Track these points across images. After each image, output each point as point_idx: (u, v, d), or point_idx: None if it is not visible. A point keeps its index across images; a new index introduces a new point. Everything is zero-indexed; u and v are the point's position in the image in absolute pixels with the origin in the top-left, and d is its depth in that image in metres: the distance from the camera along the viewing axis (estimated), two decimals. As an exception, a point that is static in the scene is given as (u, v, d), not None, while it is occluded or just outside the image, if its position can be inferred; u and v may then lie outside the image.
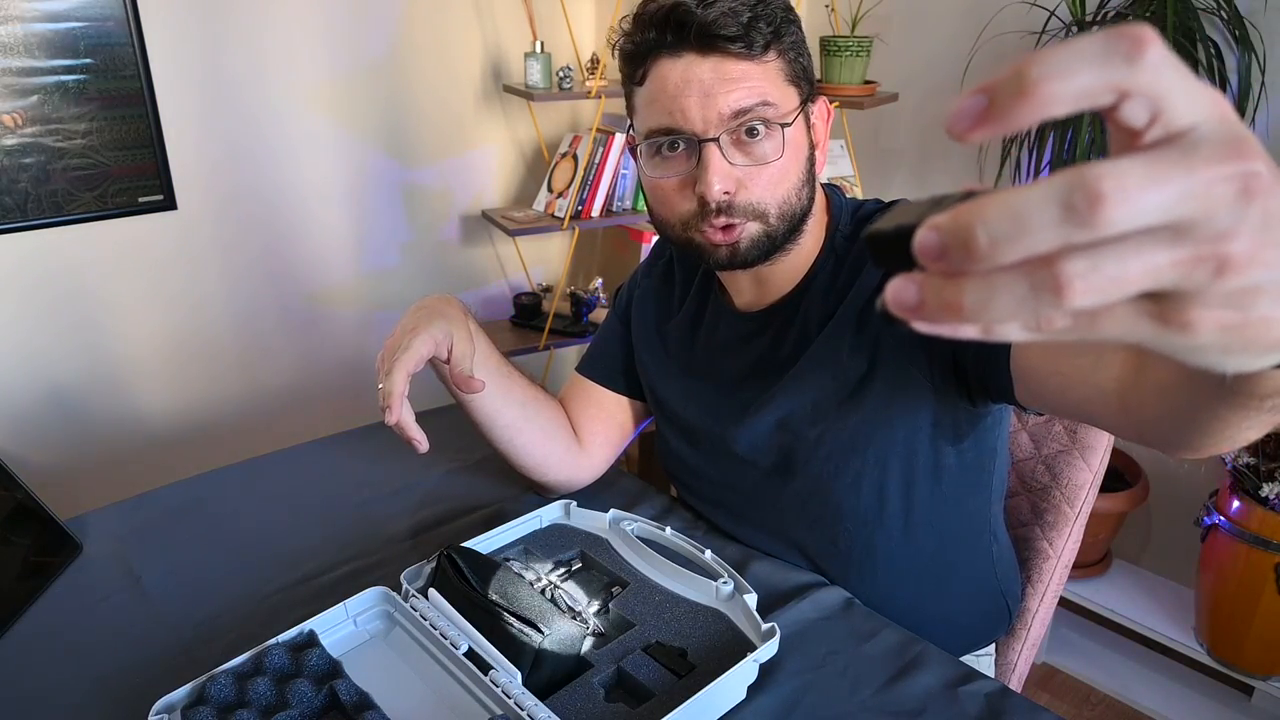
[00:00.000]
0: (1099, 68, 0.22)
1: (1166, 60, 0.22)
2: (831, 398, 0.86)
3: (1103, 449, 1.05)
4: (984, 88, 0.23)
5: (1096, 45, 0.22)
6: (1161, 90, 0.22)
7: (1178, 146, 0.22)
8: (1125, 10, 1.52)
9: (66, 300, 1.93)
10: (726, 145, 0.78)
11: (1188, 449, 0.50)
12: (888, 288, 0.25)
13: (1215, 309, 0.23)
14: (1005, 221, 0.22)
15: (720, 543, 0.97)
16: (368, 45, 2.17)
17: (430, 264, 2.45)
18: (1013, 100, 0.22)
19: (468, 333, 0.85)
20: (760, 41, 0.77)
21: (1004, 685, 0.76)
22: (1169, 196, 0.21)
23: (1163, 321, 0.24)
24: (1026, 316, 0.23)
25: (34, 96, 1.77)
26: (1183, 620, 1.73)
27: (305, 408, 2.31)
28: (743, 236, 0.81)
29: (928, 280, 0.24)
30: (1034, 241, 0.22)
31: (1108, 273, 0.22)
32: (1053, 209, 0.21)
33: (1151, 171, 0.21)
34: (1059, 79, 0.22)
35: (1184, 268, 0.22)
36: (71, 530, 0.97)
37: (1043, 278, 0.22)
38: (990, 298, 0.23)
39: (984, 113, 0.23)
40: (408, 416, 0.79)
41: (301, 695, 0.70)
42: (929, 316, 0.24)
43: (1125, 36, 0.22)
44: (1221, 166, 0.22)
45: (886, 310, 0.25)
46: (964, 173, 1.94)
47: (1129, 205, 0.21)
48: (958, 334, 0.24)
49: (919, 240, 0.23)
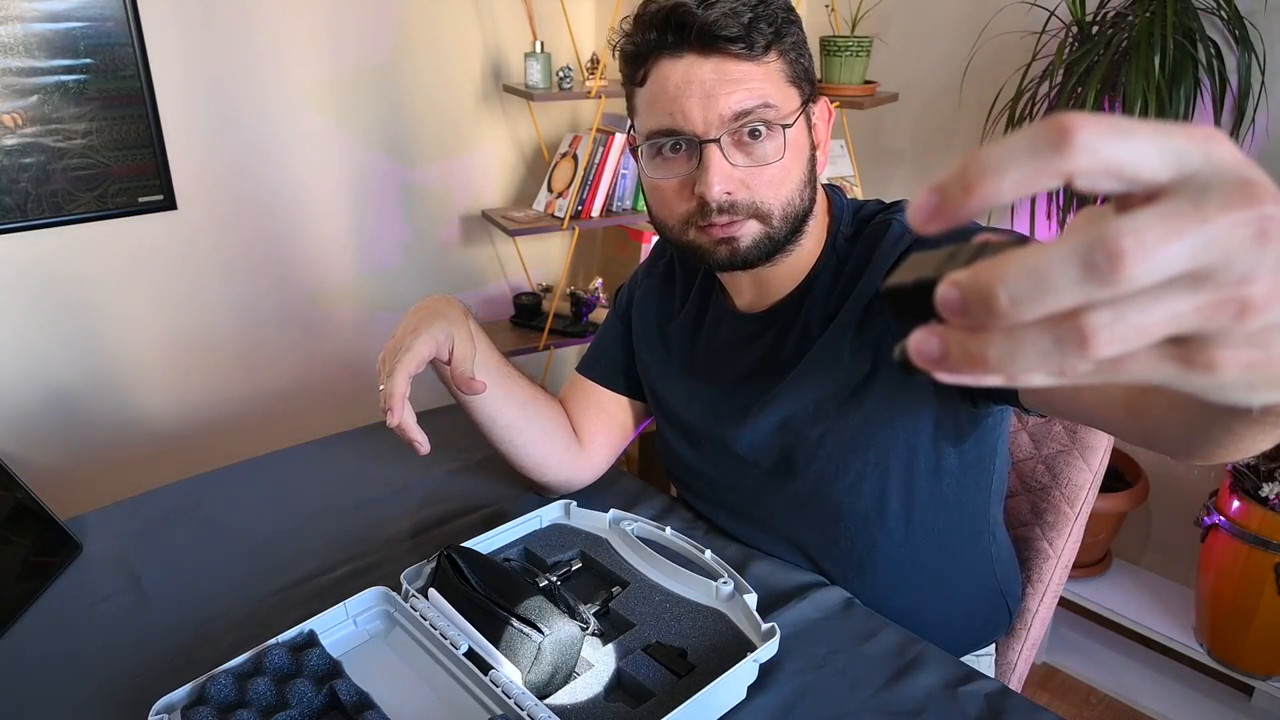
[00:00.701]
0: (1029, 160, 0.23)
1: (1101, 136, 0.22)
2: (833, 398, 0.86)
3: (1103, 449, 1.05)
4: (935, 187, 0.24)
5: (1024, 140, 0.23)
6: (1108, 162, 0.23)
7: (1187, 197, 0.22)
8: (1125, 10, 1.52)
9: (66, 300, 1.93)
10: (728, 146, 0.78)
11: (1197, 457, 0.50)
12: (910, 340, 0.25)
13: (1239, 349, 0.23)
14: (1026, 282, 0.22)
15: (720, 543, 0.97)
16: (368, 45, 2.17)
17: (430, 264, 2.45)
18: (959, 196, 0.24)
19: (469, 333, 0.85)
20: (761, 42, 0.77)
21: (1004, 685, 0.76)
22: (1188, 248, 0.22)
23: (1187, 363, 0.24)
24: (1051, 366, 0.23)
25: (34, 96, 1.77)
26: (1183, 620, 1.73)
27: (306, 408, 2.31)
28: (743, 235, 0.81)
29: (950, 333, 0.24)
30: (1056, 300, 0.22)
31: (1131, 323, 0.22)
32: (1074, 268, 0.22)
33: (1168, 225, 0.22)
34: (993, 176, 0.23)
35: (1206, 312, 0.23)
36: (71, 530, 0.97)
37: (1067, 331, 0.23)
38: (1015, 351, 0.23)
39: (937, 208, 0.24)
40: (409, 418, 0.79)
41: (301, 695, 0.70)
42: (953, 368, 0.25)
43: (1049, 127, 0.23)
44: (1236, 213, 0.22)
45: (906, 359, 0.25)
46: (964, 173, 1.94)
47: (1150, 261, 0.21)
48: (981, 382, 0.25)
49: (941, 297, 0.24)
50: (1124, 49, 1.49)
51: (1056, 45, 1.59)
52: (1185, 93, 1.46)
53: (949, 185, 0.24)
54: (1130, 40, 1.47)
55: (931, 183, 0.24)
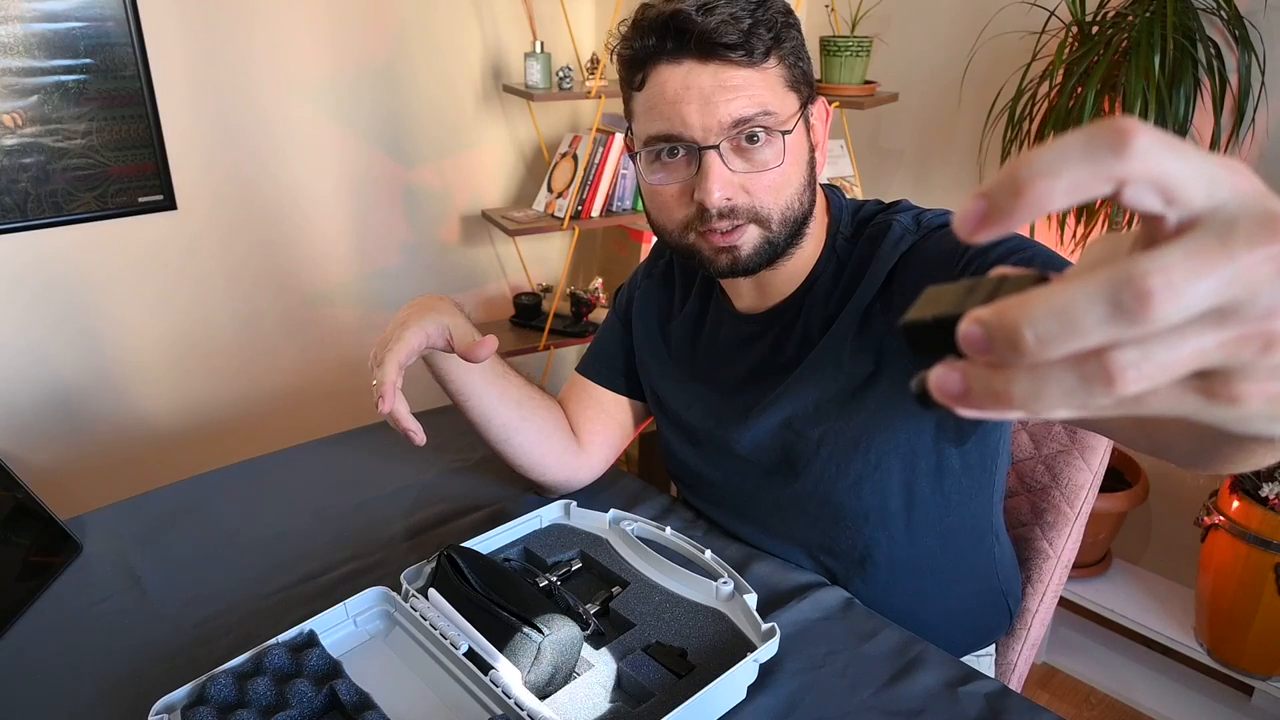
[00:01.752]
0: (1085, 162, 0.22)
1: (1158, 145, 0.22)
2: (834, 399, 0.86)
3: (1103, 449, 1.05)
4: (983, 193, 0.23)
5: (1080, 140, 0.22)
6: (1160, 174, 0.22)
7: (1212, 231, 0.22)
8: (1125, 10, 1.52)
9: (67, 300, 1.93)
10: (727, 152, 0.78)
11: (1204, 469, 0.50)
12: (931, 375, 0.25)
13: (1263, 382, 0.23)
14: (1053, 321, 0.22)
15: (720, 543, 0.97)
16: (368, 45, 2.17)
17: (430, 264, 2.46)
18: (1009, 202, 0.23)
19: (464, 320, 0.85)
20: (761, 48, 0.77)
21: (1004, 685, 0.76)
22: (1214, 285, 0.22)
23: (1210, 396, 0.24)
24: (1075, 403, 0.23)
25: (34, 96, 1.77)
26: (1183, 620, 1.73)
27: (305, 408, 2.31)
28: (744, 242, 0.81)
29: (972, 370, 0.24)
30: (1083, 340, 0.22)
31: (1158, 360, 0.22)
32: (1101, 307, 0.22)
33: (1194, 263, 0.21)
34: (1047, 178, 0.22)
35: (1231, 347, 0.22)
36: (71, 530, 0.97)
37: (1092, 369, 0.22)
38: (1039, 388, 0.23)
39: (985, 215, 0.24)
40: (401, 407, 0.79)
41: (301, 695, 0.70)
42: (975, 404, 0.24)
43: (1108, 129, 0.22)
44: (1263, 249, 0.22)
45: (925, 393, 0.25)
46: (964, 173, 1.94)
47: (1178, 300, 0.21)
48: (1004, 418, 0.24)
49: (964, 334, 0.23)
50: (1124, 49, 1.49)
51: (1056, 45, 1.59)
52: (1185, 93, 1.46)
53: (997, 190, 0.23)
54: (1130, 40, 1.47)
55: (979, 188, 0.24)
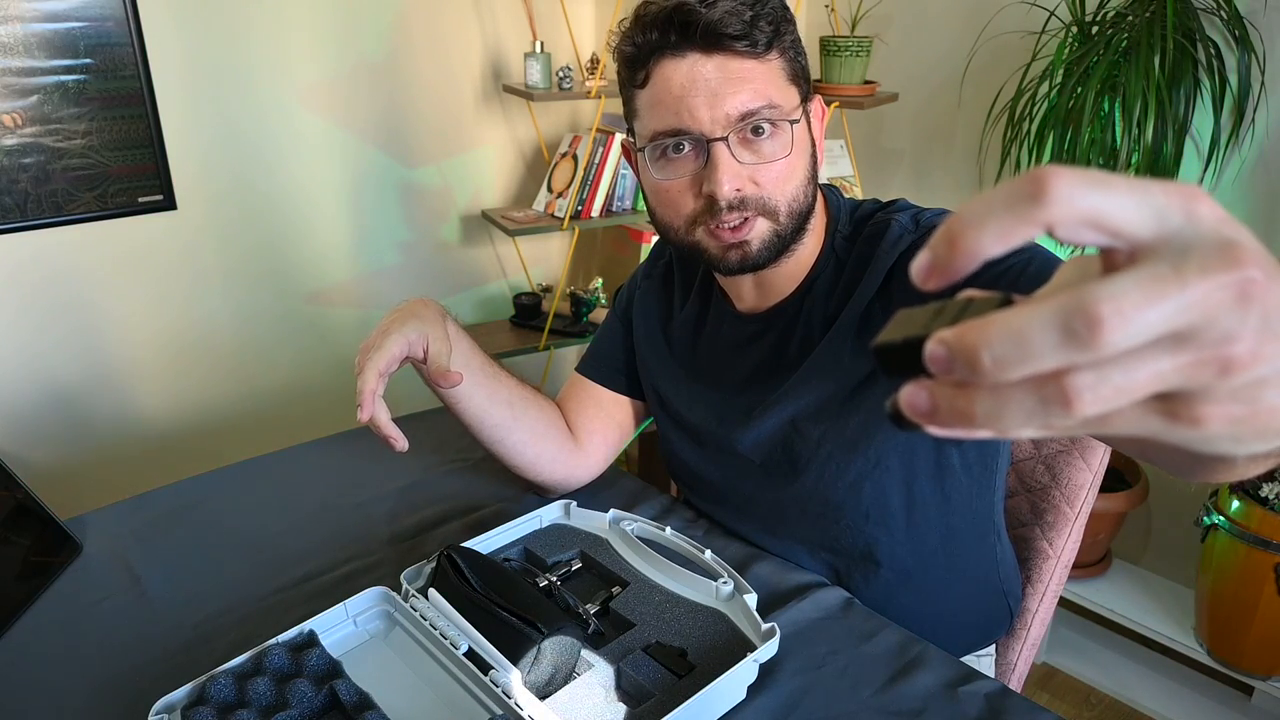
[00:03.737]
0: (1006, 213, 0.23)
1: (1079, 187, 0.23)
2: (834, 399, 0.86)
3: (1103, 449, 1.05)
4: (929, 246, 0.25)
5: (1002, 192, 0.24)
6: (1088, 212, 0.23)
7: (1166, 260, 0.23)
8: (1125, 10, 1.52)
9: (66, 300, 1.93)
10: (734, 144, 0.78)
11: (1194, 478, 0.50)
12: (901, 394, 0.26)
13: (1223, 404, 0.24)
14: (1008, 345, 0.23)
15: (721, 543, 0.97)
16: (368, 45, 2.17)
17: (430, 264, 2.46)
18: (948, 255, 0.25)
19: (443, 332, 0.85)
20: (763, 40, 0.77)
21: (1004, 685, 0.76)
22: (1167, 313, 0.22)
23: (1172, 418, 0.24)
24: (1037, 423, 0.24)
25: (34, 96, 1.77)
26: (1183, 620, 1.73)
27: (304, 408, 2.31)
28: (753, 236, 0.81)
29: (939, 389, 0.25)
30: (1038, 363, 0.23)
31: (1114, 383, 0.23)
32: (1053, 333, 0.22)
33: (1146, 290, 0.22)
34: (974, 230, 0.24)
35: (1189, 371, 0.23)
36: (71, 530, 0.97)
37: (1050, 391, 0.23)
38: (1000, 408, 0.24)
39: (931, 266, 0.25)
40: (381, 414, 0.79)
41: (301, 695, 0.70)
42: (942, 422, 0.25)
43: (1026, 179, 0.23)
44: (1216, 277, 0.22)
45: (898, 411, 0.26)
46: (964, 173, 1.94)
47: (1127, 326, 0.22)
48: (971, 436, 0.25)
49: (929, 354, 0.24)
50: (1124, 49, 1.49)
51: (1056, 45, 1.59)
52: (1185, 93, 1.46)
53: (937, 243, 0.25)
54: (1130, 40, 1.47)
55: (927, 243, 0.25)
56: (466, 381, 0.91)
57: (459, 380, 0.84)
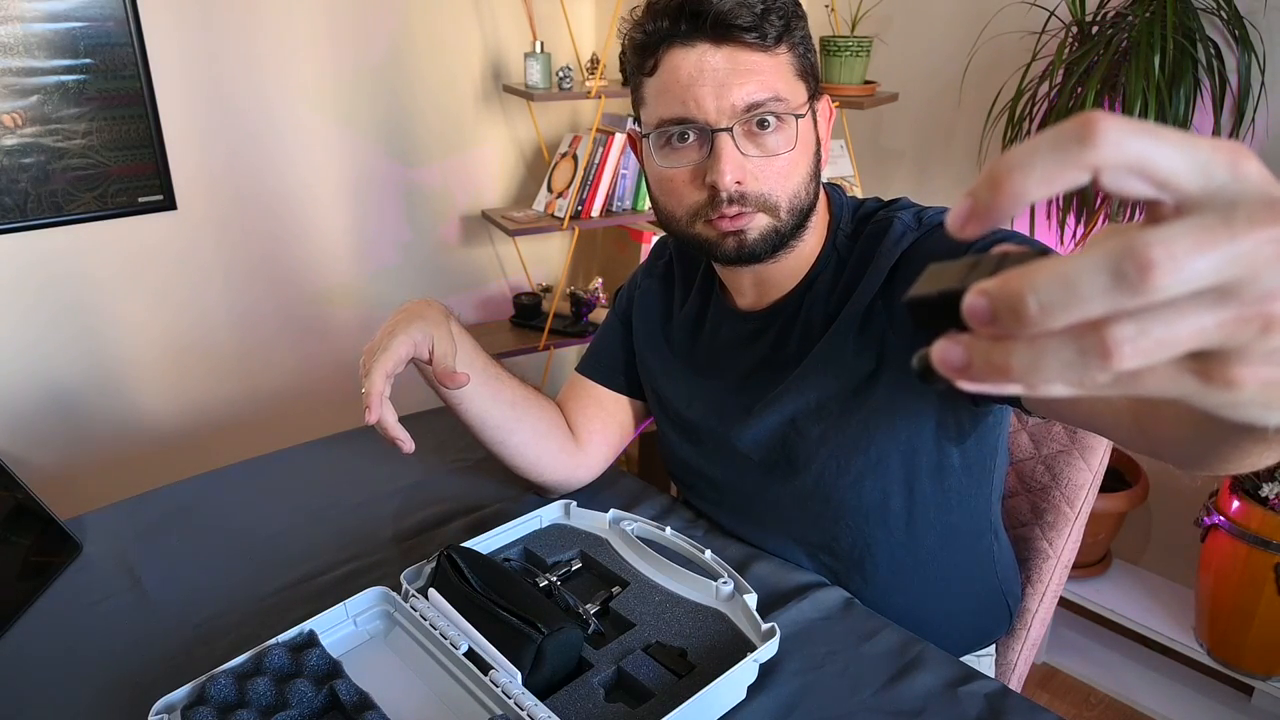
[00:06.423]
0: (1054, 154, 0.23)
1: (1128, 132, 0.23)
2: (835, 397, 0.86)
3: (1103, 449, 1.05)
4: (969, 192, 0.25)
5: (1050, 134, 0.23)
6: (1136, 159, 0.23)
7: (1215, 211, 0.23)
8: (1125, 10, 1.52)
9: (66, 301, 1.93)
10: (739, 136, 0.78)
11: (1201, 469, 0.50)
12: (934, 348, 0.26)
13: (1259, 366, 0.23)
14: (1056, 289, 0.23)
15: (720, 542, 0.97)
16: (368, 45, 2.17)
17: (430, 264, 2.46)
18: (990, 196, 0.24)
19: (448, 333, 0.85)
20: (773, 33, 0.77)
21: (1004, 685, 0.76)
22: (1216, 261, 0.22)
23: (1206, 378, 0.24)
24: (1072, 377, 0.24)
25: (34, 96, 1.77)
26: (1183, 620, 1.73)
27: (305, 408, 2.31)
28: (751, 228, 0.81)
29: (974, 342, 0.25)
30: (1085, 309, 0.23)
31: (1156, 336, 0.23)
32: (1103, 276, 0.22)
33: (1198, 237, 0.22)
34: (1019, 172, 0.24)
35: (1230, 327, 0.23)
36: (71, 530, 0.97)
37: (1091, 342, 0.23)
38: (1038, 361, 0.24)
39: (971, 211, 0.25)
40: (389, 416, 0.79)
41: (301, 695, 0.70)
42: (976, 377, 0.25)
43: (1075, 121, 0.23)
44: (1266, 229, 0.22)
45: (927, 366, 0.26)
46: (965, 173, 1.94)
47: (1179, 272, 0.22)
48: (1002, 391, 0.25)
49: (968, 305, 0.24)
50: (1124, 49, 1.49)
51: (1056, 45, 1.59)
52: (1185, 93, 1.46)
53: (979, 187, 0.25)
54: (1130, 40, 1.47)
55: (968, 190, 0.25)
56: (470, 382, 0.91)
57: (465, 381, 0.84)
